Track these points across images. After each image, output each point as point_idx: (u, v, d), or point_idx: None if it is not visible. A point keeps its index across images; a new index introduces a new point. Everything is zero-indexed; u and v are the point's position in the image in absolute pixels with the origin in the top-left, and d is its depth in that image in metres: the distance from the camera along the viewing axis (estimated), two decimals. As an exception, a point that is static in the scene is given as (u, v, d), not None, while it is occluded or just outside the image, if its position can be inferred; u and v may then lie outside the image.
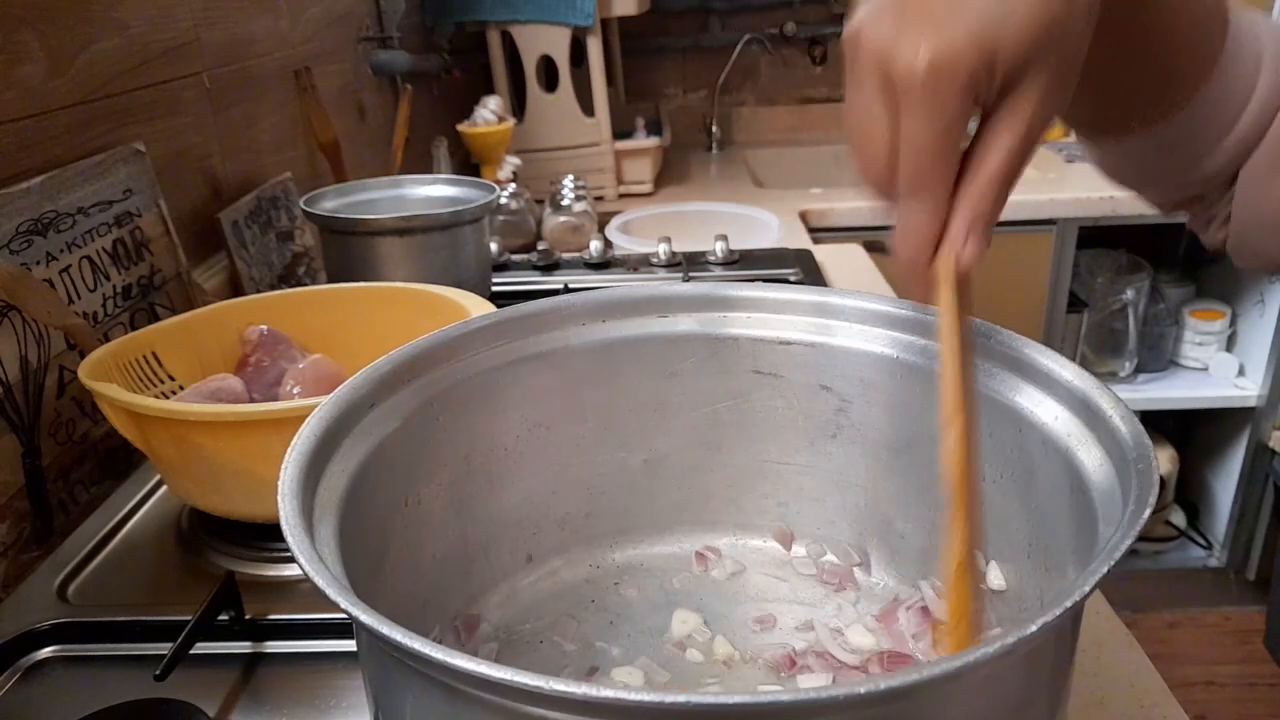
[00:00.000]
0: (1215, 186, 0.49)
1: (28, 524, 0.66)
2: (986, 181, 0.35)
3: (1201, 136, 0.46)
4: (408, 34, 1.60)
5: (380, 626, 0.28)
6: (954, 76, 0.32)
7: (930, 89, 0.32)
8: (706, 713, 0.25)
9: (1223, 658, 1.94)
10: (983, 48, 0.32)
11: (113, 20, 0.80)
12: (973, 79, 0.33)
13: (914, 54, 0.32)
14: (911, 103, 0.33)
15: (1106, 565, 0.29)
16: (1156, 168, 0.50)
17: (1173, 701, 0.52)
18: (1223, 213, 0.49)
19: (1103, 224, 1.77)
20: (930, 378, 0.48)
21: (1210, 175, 0.48)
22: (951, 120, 0.33)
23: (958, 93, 0.33)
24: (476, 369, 0.50)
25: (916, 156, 0.34)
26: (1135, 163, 0.50)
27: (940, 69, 0.32)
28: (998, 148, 0.35)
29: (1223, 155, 0.47)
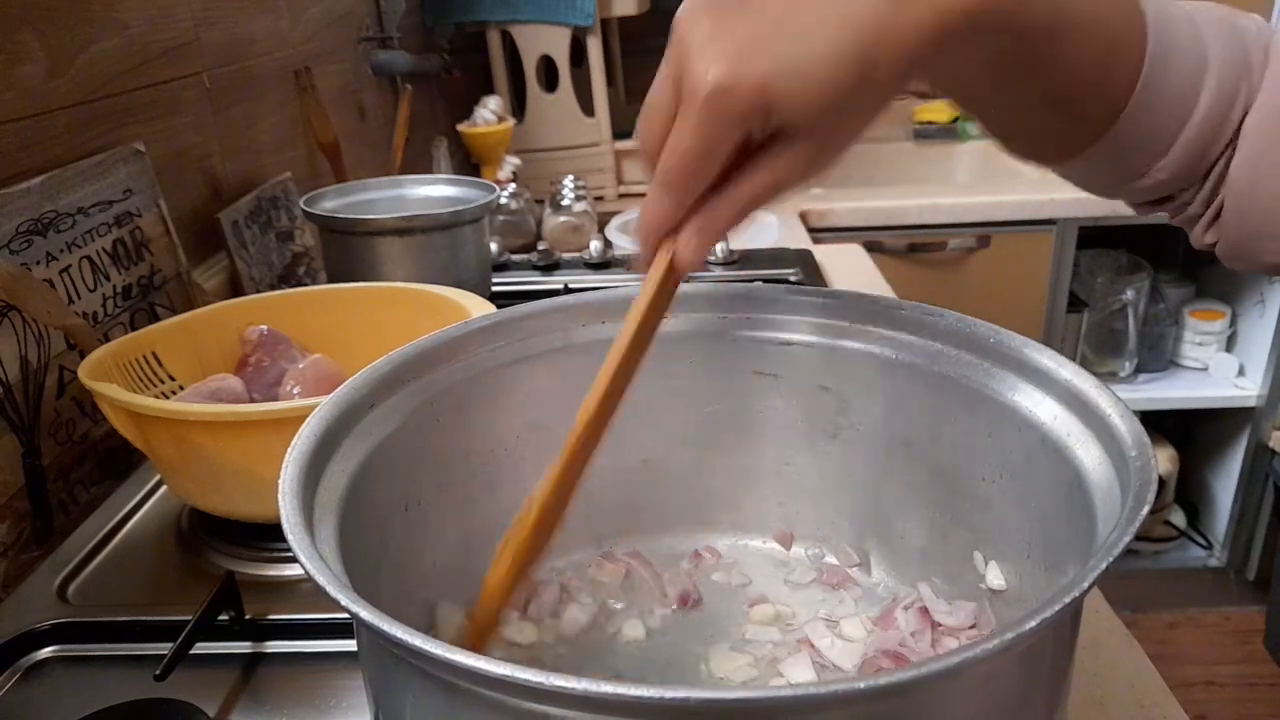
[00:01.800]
0: (1178, 188, 0.48)
1: (28, 524, 0.66)
2: (726, 205, 0.37)
3: (1139, 154, 0.45)
4: (408, 34, 1.60)
5: (381, 624, 0.28)
6: (728, 108, 0.34)
7: (705, 109, 0.34)
8: (706, 708, 0.25)
9: (1223, 658, 1.94)
10: (764, 95, 0.34)
11: (113, 20, 0.80)
12: (744, 117, 0.34)
13: (704, 72, 0.34)
14: (688, 112, 0.35)
15: (1105, 561, 0.29)
16: (1105, 183, 0.49)
17: (1173, 701, 0.52)
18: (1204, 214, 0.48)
19: (1103, 224, 1.77)
20: (930, 377, 0.48)
21: (1166, 181, 0.47)
22: (714, 141, 0.35)
23: (726, 122, 0.35)
24: (476, 369, 0.50)
25: (677, 156, 0.36)
26: (1085, 178, 0.50)
27: (719, 97, 0.34)
28: (747, 183, 0.37)
29: (1169, 167, 0.46)
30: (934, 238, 1.77)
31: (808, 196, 1.79)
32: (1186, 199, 0.48)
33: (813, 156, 0.36)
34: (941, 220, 1.76)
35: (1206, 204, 0.48)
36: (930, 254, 1.79)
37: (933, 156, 2.23)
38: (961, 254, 1.79)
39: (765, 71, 0.33)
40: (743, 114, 0.34)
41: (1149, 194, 0.49)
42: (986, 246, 1.78)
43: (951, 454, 0.48)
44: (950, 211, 1.75)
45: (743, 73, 0.33)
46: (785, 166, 0.36)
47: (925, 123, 2.26)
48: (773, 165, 0.36)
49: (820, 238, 1.59)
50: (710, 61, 0.34)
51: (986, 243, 1.78)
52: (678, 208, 0.38)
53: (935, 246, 1.78)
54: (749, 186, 0.37)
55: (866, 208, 1.75)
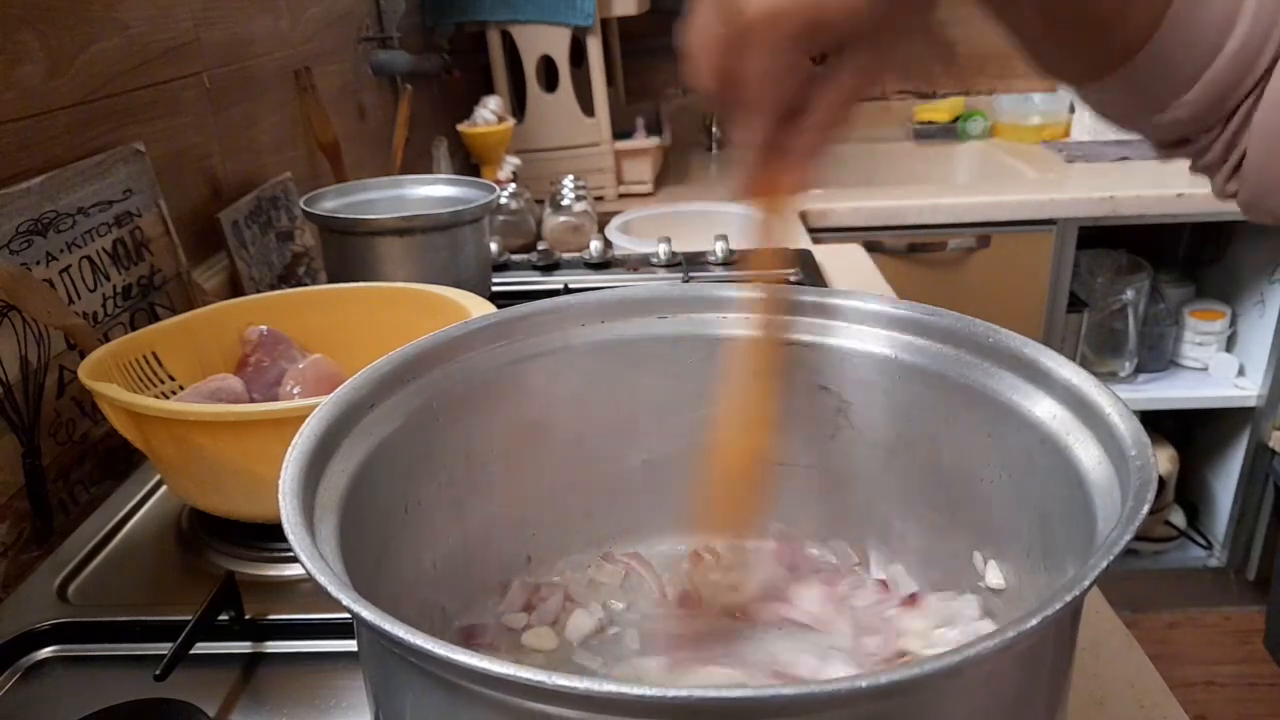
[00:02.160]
0: (1197, 130, 0.47)
1: (28, 524, 0.66)
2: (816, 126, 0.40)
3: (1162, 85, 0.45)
4: (408, 34, 1.60)
5: (382, 623, 0.28)
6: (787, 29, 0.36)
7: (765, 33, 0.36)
8: (708, 707, 0.25)
9: (1223, 658, 1.94)
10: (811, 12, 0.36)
11: (113, 20, 0.80)
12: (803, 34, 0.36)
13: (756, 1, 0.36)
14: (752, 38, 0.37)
15: (1106, 560, 0.29)
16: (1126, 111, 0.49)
17: (1173, 701, 0.52)
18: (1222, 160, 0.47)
19: (1103, 224, 1.77)
20: (930, 377, 0.48)
21: (1185, 120, 0.46)
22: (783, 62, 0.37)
23: (791, 39, 0.37)
24: (476, 369, 0.50)
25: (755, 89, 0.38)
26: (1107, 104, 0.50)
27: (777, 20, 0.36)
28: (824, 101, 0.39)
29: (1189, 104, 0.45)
30: (934, 238, 1.77)
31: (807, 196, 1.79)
32: (1206, 143, 0.47)
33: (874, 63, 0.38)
34: (941, 220, 1.76)
35: (1227, 150, 0.47)
36: (930, 254, 1.79)
37: (933, 156, 2.23)
38: (961, 254, 1.79)
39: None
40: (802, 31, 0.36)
41: (1167, 132, 0.48)
42: (986, 246, 1.78)
43: (951, 454, 0.48)
44: (950, 211, 1.75)
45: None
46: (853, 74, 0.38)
47: (925, 123, 2.26)
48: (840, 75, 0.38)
49: (820, 238, 1.59)
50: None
51: (986, 243, 1.78)
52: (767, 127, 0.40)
53: (935, 246, 1.78)
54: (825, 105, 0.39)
55: (866, 208, 1.75)
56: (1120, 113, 0.50)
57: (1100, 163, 1.94)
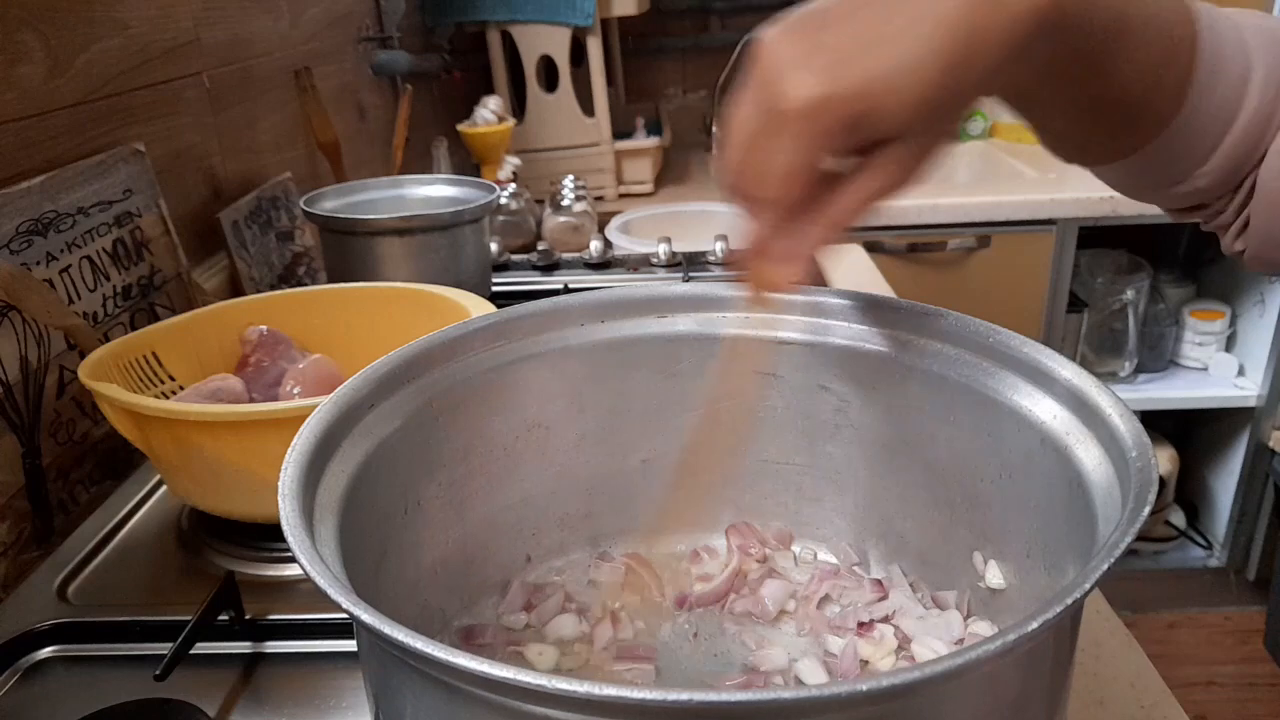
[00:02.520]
0: (1213, 198, 0.48)
1: (28, 524, 0.66)
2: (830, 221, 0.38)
3: (1182, 161, 0.46)
4: (408, 34, 1.60)
5: (381, 626, 0.28)
6: (827, 122, 0.34)
7: (803, 125, 0.35)
8: (708, 710, 0.25)
9: (1223, 658, 1.94)
10: (862, 104, 0.34)
11: (113, 20, 0.80)
12: (844, 129, 0.35)
13: (799, 88, 0.34)
14: (784, 131, 0.35)
15: (1106, 563, 0.29)
16: (1143, 187, 0.50)
17: (1173, 701, 0.52)
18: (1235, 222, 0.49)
19: (1103, 224, 1.77)
20: (930, 377, 0.48)
21: (1203, 189, 0.47)
22: (813, 157, 0.36)
23: (826, 137, 0.35)
24: (476, 369, 0.50)
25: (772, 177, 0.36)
26: (1127, 182, 0.51)
27: (819, 112, 0.34)
28: (848, 197, 0.38)
29: (1209, 174, 0.46)
30: (934, 238, 1.77)
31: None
32: (1220, 207, 0.49)
33: (911, 163, 0.37)
34: (941, 220, 1.76)
35: (1239, 212, 0.48)
36: (930, 254, 1.79)
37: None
38: (961, 254, 1.79)
39: (861, 81, 0.34)
40: (843, 126, 0.35)
41: (1185, 200, 0.49)
42: (986, 246, 1.78)
43: (951, 454, 0.48)
44: (950, 211, 1.75)
45: (839, 84, 0.34)
46: (885, 175, 0.37)
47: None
48: (871, 176, 0.37)
49: (820, 238, 1.59)
50: (805, 77, 0.34)
51: (986, 243, 1.78)
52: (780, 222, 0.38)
53: (935, 246, 1.78)
54: (849, 201, 0.38)
55: (866, 208, 1.75)
56: (1139, 188, 0.50)
57: (1100, 163, 1.94)
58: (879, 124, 0.35)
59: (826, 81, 0.34)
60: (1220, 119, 0.44)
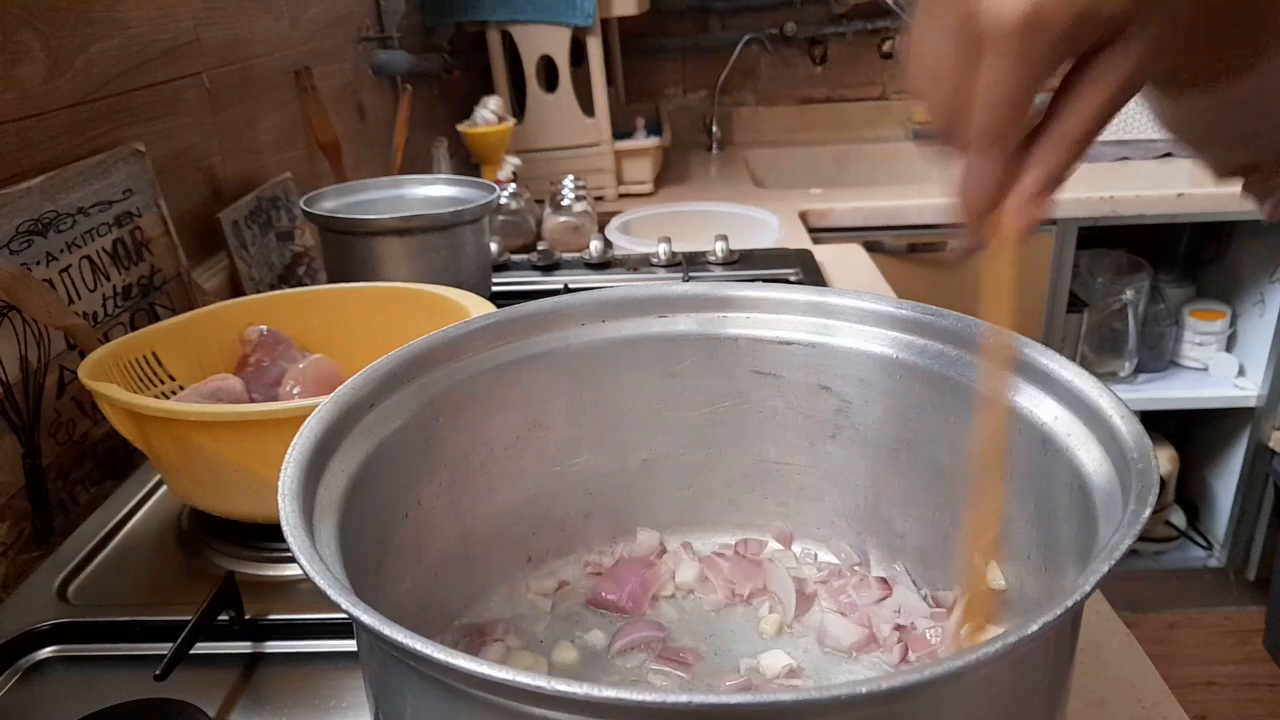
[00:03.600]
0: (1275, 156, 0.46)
1: (28, 524, 0.66)
2: (1068, 141, 0.33)
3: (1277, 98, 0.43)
4: (408, 34, 1.60)
5: (381, 627, 0.28)
6: (1048, 31, 0.30)
7: (1021, 41, 0.30)
8: (708, 712, 0.25)
9: (1223, 658, 1.94)
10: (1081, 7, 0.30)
11: (113, 20, 0.80)
12: (1067, 35, 0.30)
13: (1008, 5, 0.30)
14: (998, 53, 0.31)
15: (1107, 565, 0.29)
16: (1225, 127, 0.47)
17: (1173, 702, 0.52)
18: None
19: (1103, 224, 1.77)
20: (930, 377, 0.48)
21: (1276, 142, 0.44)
22: (1037, 75, 0.31)
23: (1049, 48, 0.30)
24: (476, 369, 0.50)
25: (995, 108, 0.32)
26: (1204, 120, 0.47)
27: (1035, 21, 0.30)
28: (1082, 108, 0.33)
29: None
30: (934, 238, 1.77)
31: (807, 196, 1.79)
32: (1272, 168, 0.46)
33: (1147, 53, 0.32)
34: (941, 220, 1.76)
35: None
36: (930, 254, 1.79)
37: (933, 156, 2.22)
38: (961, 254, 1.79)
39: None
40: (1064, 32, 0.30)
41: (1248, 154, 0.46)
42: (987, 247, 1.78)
43: (951, 454, 0.48)
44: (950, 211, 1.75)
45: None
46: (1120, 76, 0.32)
47: (925, 123, 2.26)
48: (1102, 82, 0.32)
49: (820, 238, 1.59)
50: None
51: (987, 243, 1.77)
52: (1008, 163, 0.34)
53: (935, 246, 1.78)
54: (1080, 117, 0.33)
55: (866, 208, 1.75)
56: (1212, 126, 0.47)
57: (1100, 163, 1.94)
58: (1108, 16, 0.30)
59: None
60: None
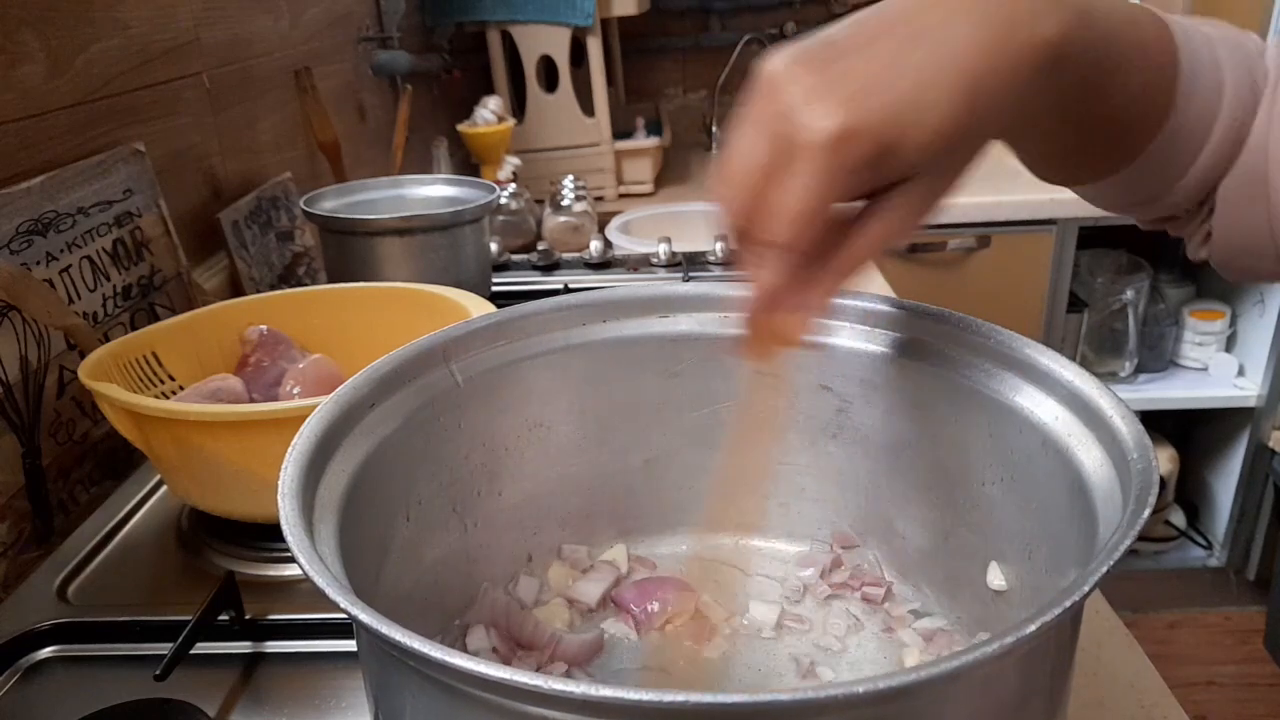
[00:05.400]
0: (1185, 210, 0.49)
1: (28, 524, 0.66)
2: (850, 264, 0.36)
3: (1161, 176, 0.47)
4: (408, 34, 1.60)
5: (380, 626, 0.28)
6: (853, 156, 0.32)
7: (826, 159, 0.32)
8: (705, 712, 0.25)
9: (1223, 658, 1.94)
10: (887, 137, 0.32)
11: (113, 20, 0.80)
12: (870, 161, 0.33)
13: (823, 122, 0.32)
14: (806, 167, 0.33)
15: (1106, 565, 0.29)
16: (1121, 203, 0.51)
17: (1173, 702, 0.52)
18: (1200, 231, 0.50)
19: (1103, 224, 1.77)
20: (930, 377, 0.48)
21: (1178, 202, 0.48)
22: (835, 192, 0.33)
23: (851, 169, 0.33)
24: (477, 369, 0.50)
25: (792, 218, 0.34)
26: (1105, 199, 0.52)
27: (843, 145, 0.32)
28: (870, 233, 0.36)
29: (1186, 188, 0.47)
30: (934, 238, 1.77)
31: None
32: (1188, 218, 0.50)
33: (925, 202, 0.35)
34: (941, 220, 1.75)
35: (1201, 224, 0.49)
36: (930, 254, 1.79)
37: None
38: (961, 254, 1.79)
39: (884, 115, 0.32)
40: (866, 160, 0.33)
41: (1160, 211, 0.50)
42: (986, 246, 1.78)
43: (952, 455, 0.48)
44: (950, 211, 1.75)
45: (862, 118, 0.32)
46: (905, 211, 0.35)
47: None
48: (889, 213, 0.35)
49: (820, 238, 1.59)
50: (824, 110, 0.32)
51: (986, 243, 1.78)
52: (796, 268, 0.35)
53: (935, 246, 1.78)
54: (865, 241, 0.36)
55: (867, 207, 1.75)
56: (1117, 203, 0.51)
57: (1101, 162, 1.94)
58: (902, 158, 0.33)
59: (852, 112, 0.32)
60: (1198, 132, 0.45)
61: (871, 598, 0.52)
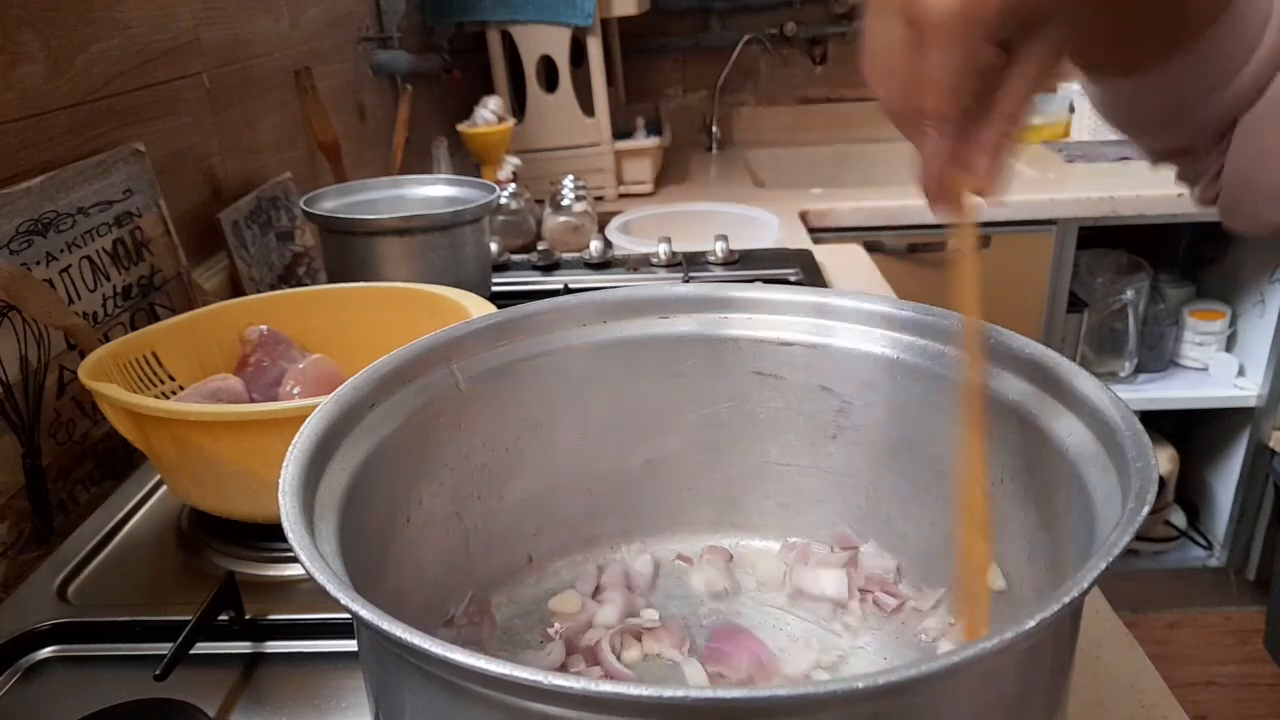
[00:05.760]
0: (1207, 138, 0.49)
1: (28, 524, 0.66)
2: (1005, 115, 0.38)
3: (1202, 83, 0.47)
4: (408, 34, 1.60)
5: (380, 622, 0.28)
6: (980, 22, 0.34)
7: (958, 31, 0.34)
8: (704, 707, 0.25)
9: (1223, 658, 1.94)
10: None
11: (113, 20, 0.80)
12: (996, 23, 0.35)
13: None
14: (940, 42, 0.35)
15: (1105, 561, 0.29)
16: (1153, 111, 0.50)
17: (1173, 702, 0.52)
18: (1212, 168, 0.49)
19: (1103, 224, 1.77)
20: (930, 378, 0.48)
21: (1204, 124, 0.48)
22: (974, 59, 0.35)
23: (982, 36, 0.35)
24: (477, 369, 0.50)
25: (941, 90, 0.36)
26: (1133, 105, 0.51)
27: (969, 13, 0.34)
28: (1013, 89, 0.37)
29: (1219, 105, 0.47)
30: (934, 238, 1.77)
31: (807, 196, 1.79)
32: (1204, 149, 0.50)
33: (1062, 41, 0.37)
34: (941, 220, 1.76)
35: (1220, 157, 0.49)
36: (930, 254, 1.79)
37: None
38: (954, 251, 1.79)
39: None
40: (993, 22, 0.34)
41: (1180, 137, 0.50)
42: (986, 246, 1.78)
43: (952, 454, 0.48)
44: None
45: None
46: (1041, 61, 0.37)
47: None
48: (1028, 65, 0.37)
49: (820, 238, 1.59)
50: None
51: (986, 243, 1.77)
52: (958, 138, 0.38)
53: (935, 246, 1.78)
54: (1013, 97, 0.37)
55: (866, 208, 1.75)
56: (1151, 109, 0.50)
57: (1100, 163, 1.94)
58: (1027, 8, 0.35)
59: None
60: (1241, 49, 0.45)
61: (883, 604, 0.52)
